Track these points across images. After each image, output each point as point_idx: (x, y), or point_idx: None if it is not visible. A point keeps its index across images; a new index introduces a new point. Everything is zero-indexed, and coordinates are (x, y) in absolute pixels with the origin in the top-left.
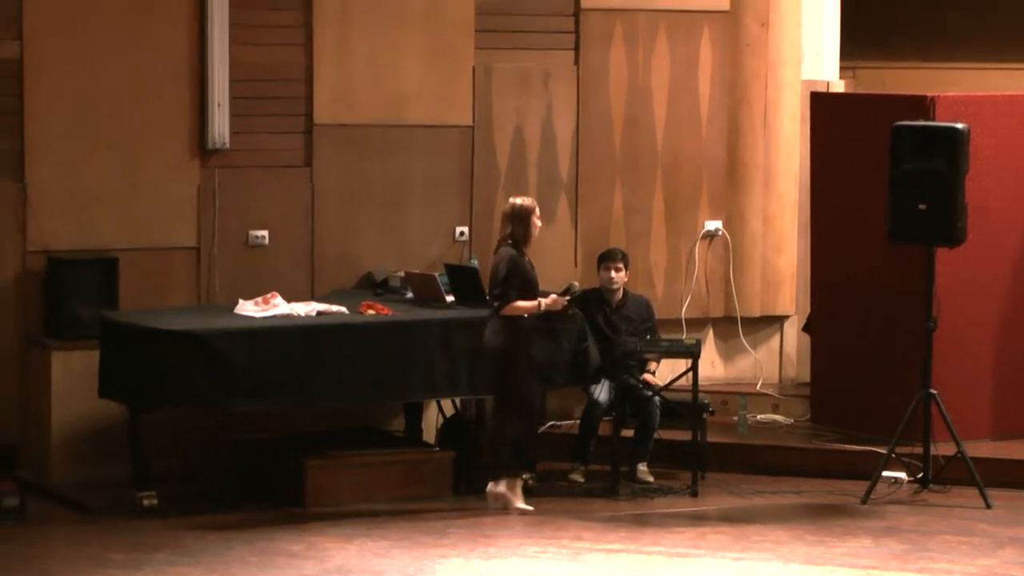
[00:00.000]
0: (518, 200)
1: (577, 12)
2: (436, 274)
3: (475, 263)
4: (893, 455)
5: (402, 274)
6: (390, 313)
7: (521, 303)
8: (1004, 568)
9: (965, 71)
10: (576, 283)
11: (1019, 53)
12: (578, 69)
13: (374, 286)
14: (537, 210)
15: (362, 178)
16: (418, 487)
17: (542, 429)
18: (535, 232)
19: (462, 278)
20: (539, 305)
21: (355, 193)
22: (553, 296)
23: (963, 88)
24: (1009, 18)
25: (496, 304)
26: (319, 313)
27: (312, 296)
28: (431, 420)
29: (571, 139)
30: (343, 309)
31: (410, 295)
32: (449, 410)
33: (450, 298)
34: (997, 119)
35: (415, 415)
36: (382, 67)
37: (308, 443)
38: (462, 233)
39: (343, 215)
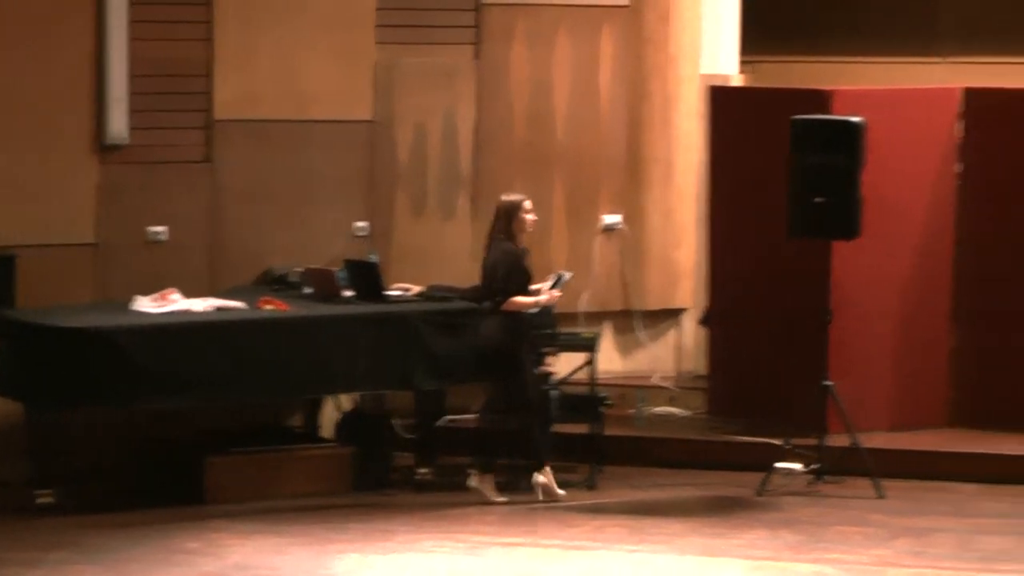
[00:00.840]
0: (505, 197)
1: (478, 7)
2: (334, 269)
3: (374, 258)
4: (789, 447)
5: (301, 270)
6: (288, 309)
7: (521, 299)
8: (897, 558)
9: (864, 65)
10: (565, 272)
11: (918, 47)
12: (479, 65)
13: (272, 282)
14: (527, 204)
15: (264, 174)
16: (318, 483)
17: (441, 423)
18: (528, 227)
19: (361, 273)
20: (536, 301)
21: (257, 189)
22: (548, 291)
23: (862, 82)
24: (908, 12)
25: (497, 300)
26: (217, 309)
27: (211, 293)
28: (329, 416)
29: (472, 135)
30: (241, 305)
31: (309, 291)
32: (348, 405)
33: (349, 293)
34: (894, 112)
35: (314, 411)
36: (284, 62)
37: (208, 440)
38: (362, 228)
39: (245, 211)
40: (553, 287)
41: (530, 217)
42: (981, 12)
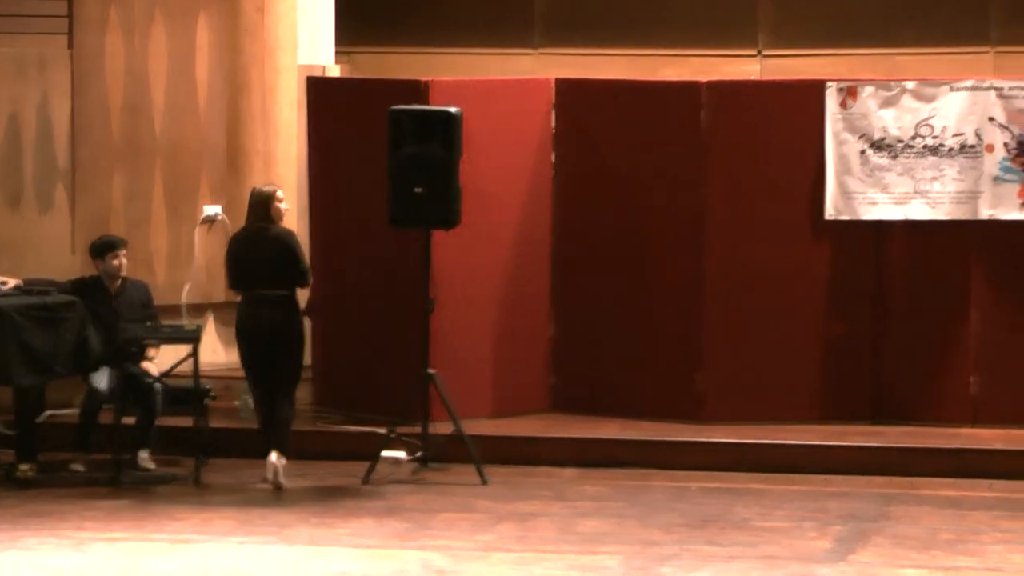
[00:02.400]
0: (258, 188)
1: None
2: None
3: None
4: (394, 435)
5: None
6: None
7: None
8: (502, 543)
9: (460, 56)
10: None
11: (512, 38)
12: (73, 55)
13: None
14: (279, 193)
15: None
16: None
17: (41, 419)
18: (283, 215)
19: None
20: None
21: None
22: None
23: (458, 73)
24: (503, 3)
25: (303, 283)
26: None
27: None
28: None
29: (67, 126)
30: None
31: None
32: None
33: None
34: (491, 103)
35: None
36: None
37: None
38: None
39: None
40: None
41: (283, 206)
42: (572, 4)
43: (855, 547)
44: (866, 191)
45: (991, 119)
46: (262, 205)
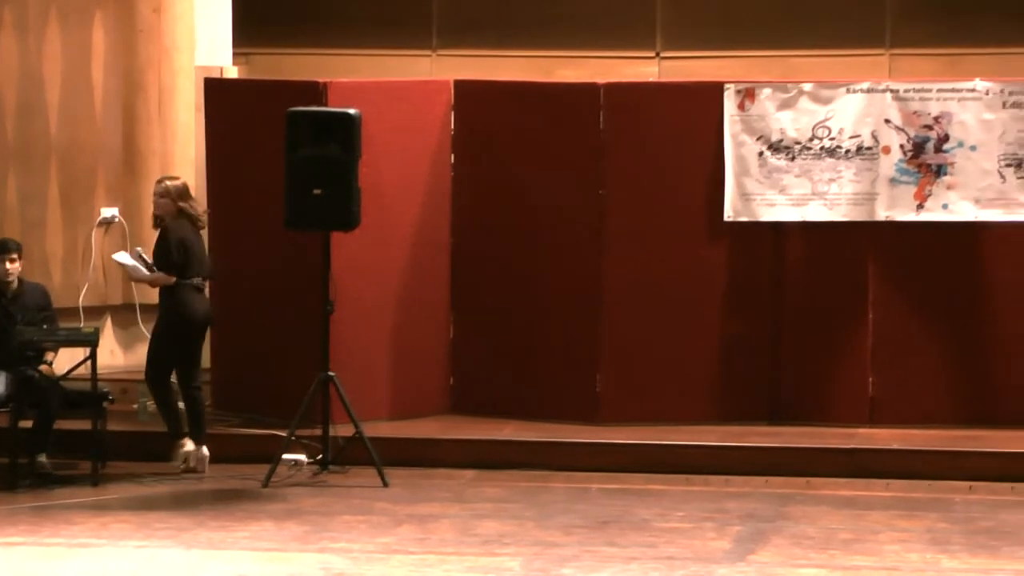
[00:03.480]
0: (171, 180)
1: None
2: None
3: None
4: (293, 438)
5: None
6: None
7: None
8: (401, 544)
9: (358, 57)
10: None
11: (411, 40)
12: None
13: None
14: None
15: None
16: None
17: None
18: None
19: None
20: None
21: None
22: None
23: (357, 74)
24: (401, 5)
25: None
26: None
27: None
28: None
29: None
30: None
31: None
32: None
33: None
34: (390, 104)
35: None
36: None
37: None
38: None
39: None
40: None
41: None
42: (470, 6)
43: (754, 547)
44: (764, 193)
45: (887, 121)
46: (188, 194)
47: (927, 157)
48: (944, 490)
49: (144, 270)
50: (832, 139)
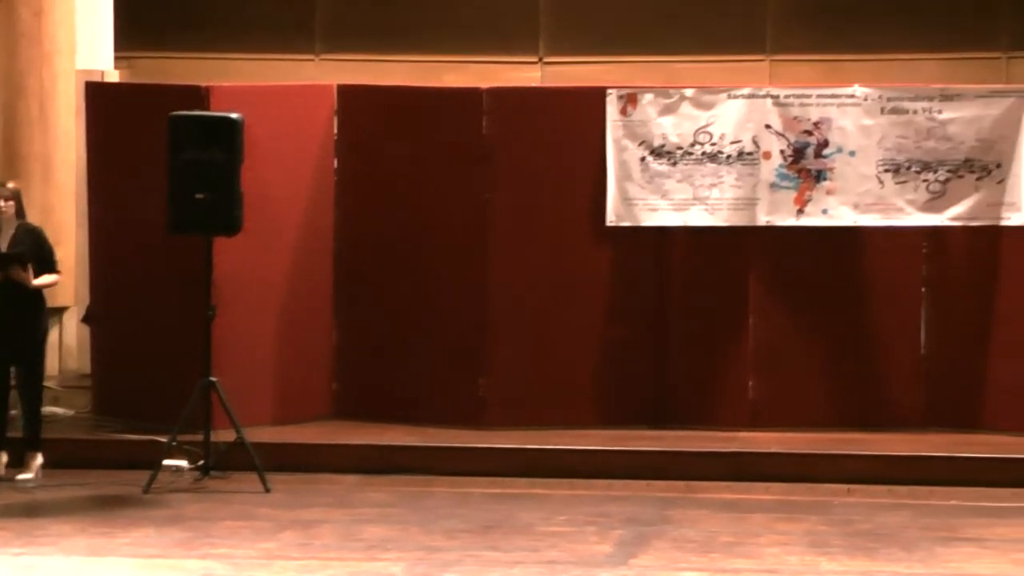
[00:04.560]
0: (11, 183)
1: None
2: None
3: None
4: (175, 443)
5: None
6: None
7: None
8: (284, 550)
9: (242, 62)
10: None
11: (294, 44)
12: None
13: None
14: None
15: None
16: None
17: None
18: None
19: None
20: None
21: None
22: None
23: (240, 78)
24: (285, 10)
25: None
26: None
27: None
28: None
29: None
30: None
31: None
32: None
33: None
34: (273, 109)
35: None
36: None
37: None
38: None
39: None
40: None
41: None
42: (353, 11)
43: (636, 551)
44: (646, 198)
45: (768, 126)
46: (15, 198)
47: (807, 162)
48: (823, 493)
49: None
50: (713, 144)
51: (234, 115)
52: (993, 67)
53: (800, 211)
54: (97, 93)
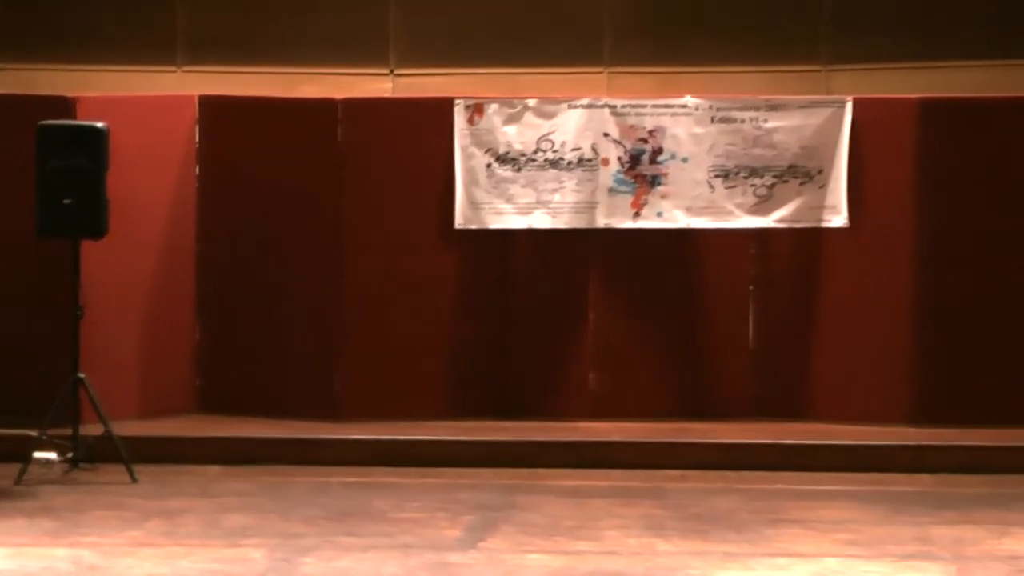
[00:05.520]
0: None
1: None
2: None
3: None
4: (45, 437)
5: None
6: None
7: None
8: (150, 538)
9: (108, 73)
10: None
11: (156, 56)
12: None
13: None
14: None
15: None
16: None
17: None
18: None
19: None
20: None
21: None
22: None
23: (106, 89)
24: (147, 23)
25: None
26: None
27: None
28: None
29: None
30: None
31: None
32: None
33: None
34: (137, 118)
35: None
36: None
37: None
38: None
39: None
40: None
41: None
42: (214, 24)
43: (484, 535)
44: (492, 202)
45: (606, 135)
46: None
47: (643, 168)
48: (659, 479)
49: None
50: (555, 151)
51: (100, 124)
52: (814, 79)
53: (637, 214)
54: None
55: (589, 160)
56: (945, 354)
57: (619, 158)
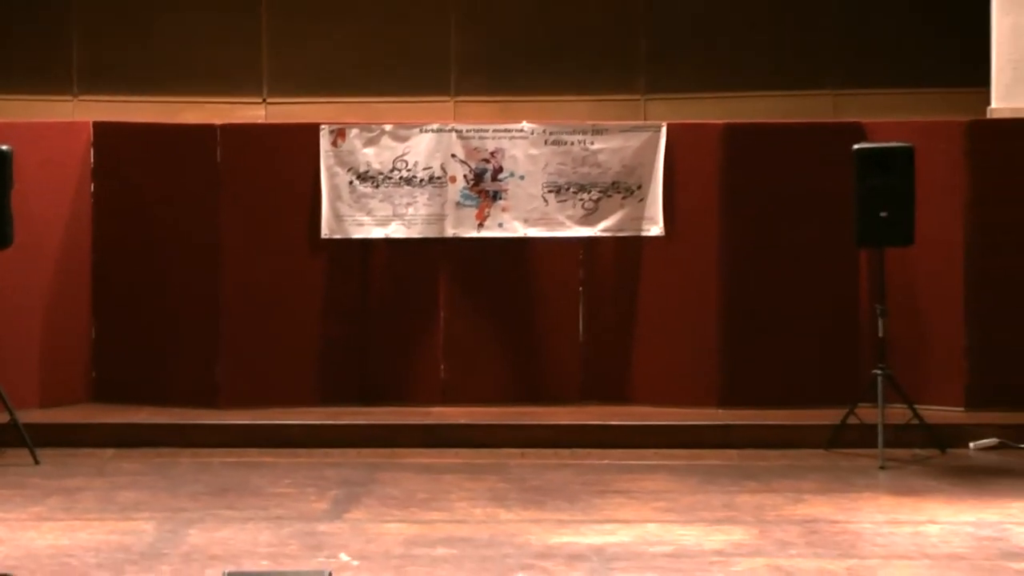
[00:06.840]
0: None
1: None
2: None
3: None
4: None
5: None
6: None
7: None
8: (51, 513)
9: (10, 102)
10: None
11: (55, 86)
12: None
13: None
14: None
15: None
16: None
17: None
18: None
19: None
20: None
21: None
22: None
23: (9, 116)
24: (45, 55)
25: None
26: None
27: None
28: None
29: None
30: None
31: None
32: None
33: None
34: (38, 142)
35: None
36: None
37: None
38: None
39: None
40: None
41: None
42: (106, 57)
43: (349, 507)
44: (354, 215)
45: (453, 155)
46: None
47: (485, 185)
48: (502, 456)
49: None
50: (409, 170)
51: (4, 147)
52: (633, 107)
53: (480, 225)
54: None
55: (439, 178)
56: (746, 346)
57: (465, 176)
